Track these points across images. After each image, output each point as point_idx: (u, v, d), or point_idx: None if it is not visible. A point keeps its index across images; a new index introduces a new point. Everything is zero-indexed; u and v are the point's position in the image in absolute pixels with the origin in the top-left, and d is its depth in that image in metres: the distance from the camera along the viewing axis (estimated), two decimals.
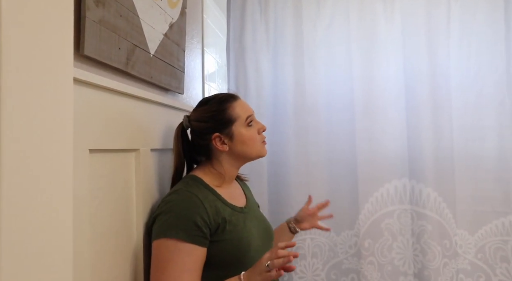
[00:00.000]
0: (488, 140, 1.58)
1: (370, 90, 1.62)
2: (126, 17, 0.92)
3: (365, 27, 1.63)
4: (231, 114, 1.08)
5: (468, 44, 1.60)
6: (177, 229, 0.93)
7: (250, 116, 1.11)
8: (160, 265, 0.92)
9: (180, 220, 0.94)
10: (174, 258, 0.91)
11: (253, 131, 1.11)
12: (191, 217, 0.94)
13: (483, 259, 1.57)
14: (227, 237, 0.98)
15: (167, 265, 0.91)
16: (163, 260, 0.92)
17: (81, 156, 0.75)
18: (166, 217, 0.95)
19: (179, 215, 0.94)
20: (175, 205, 0.97)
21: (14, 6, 0.41)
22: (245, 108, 1.12)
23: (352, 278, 1.61)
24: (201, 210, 0.95)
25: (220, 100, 1.11)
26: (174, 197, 0.99)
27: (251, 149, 1.10)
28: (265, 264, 0.88)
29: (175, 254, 0.91)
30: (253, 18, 1.68)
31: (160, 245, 0.93)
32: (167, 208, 0.97)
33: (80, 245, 0.73)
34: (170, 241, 0.92)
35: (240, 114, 1.09)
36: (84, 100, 0.76)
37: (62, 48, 0.49)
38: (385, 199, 1.60)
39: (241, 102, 1.13)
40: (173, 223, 0.94)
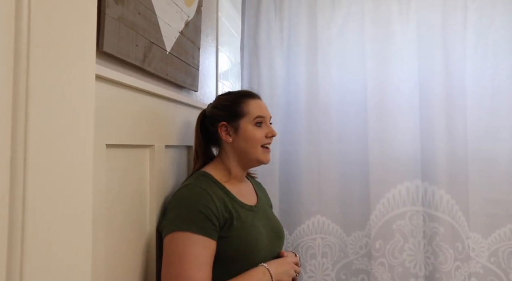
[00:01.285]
0: (503, 143, 1.56)
1: (383, 90, 1.61)
2: (144, 15, 0.93)
3: (380, 28, 1.62)
4: (242, 108, 1.10)
5: (484, 46, 1.58)
6: (189, 222, 0.93)
7: (261, 117, 1.12)
8: (174, 258, 0.91)
9: (192, 213, 0.94)
10: (190, 251, 0.91)
11: (259, 132, 1.11)
12: (202, 210, 0.94)
13: (496, 263, 1.55)
14: (234, 233, 0.99)
15: (183, 258, 0.90)
16: (178, 254, 0.91)
17: (99, 151, 0.76)
18: (177, 211, 0.96)
19: (190, 208, 0.95)
20: (186, 199, 0.98)
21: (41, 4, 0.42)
22: (260, 109, 1.13)
23: (362, 278, 1.60)
24: (211, 203, 0.96)
25: (240, 93, 1.16)
26: (183, 191, 1.01)
27: (251, 149, 1.10)
28: (293, 271, 1.07)
29: (189, 247, 0.91)
30: (268, 17, 1.68)
31: (173, 238, 0.93)
32: (177, 202, 0.98)
33: (96, 237, 0.75)
34: (183, 234, 0.92)
35: (252, 111, 1.11)
36: (102, 96, 0.78)
37: (85, 45, 0.50)
38: (397, 201, 1.59)
39: (259, 102, 1.15)
40: (185, 216, 0.94)
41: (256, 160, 1.12)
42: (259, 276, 0.98)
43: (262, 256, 1.04)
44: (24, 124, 0.40)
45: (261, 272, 1.00)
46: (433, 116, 1.58)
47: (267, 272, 1.00)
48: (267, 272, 1.00)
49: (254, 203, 1.14)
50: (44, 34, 0.43)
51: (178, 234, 0.93)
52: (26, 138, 0.40)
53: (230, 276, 0.97)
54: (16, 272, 0.39)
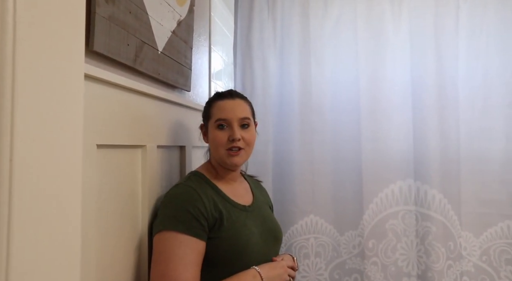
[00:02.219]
0: (495, 142, 1.57)
1: (376, 90, 1.61)
2: (135, 14, 0.93)
3: (373, 28, 1.63)
4: (209, 110, 1.11)
5: (476, 45, 1.60)
6: (176, 221, 0.93)
7: (222, 120, 1.06)
8: (161, 258, 0.91)
9: (179, 212, 0.94)
10: (176, 250, 0.91)
11: (220, 135, 1.06)
12: (190, 209, 0.94)
13: (488, 261, 1.57)
14: (224, 234, 0.98)
15: (169, 258, 0.90)
16: (165, 253, 0.91)
17: (89, 151, 0.75)
18: (166, 210, 0.97)
19: (178, 208, 0.95)
20: (174, 198, 0.98)
21: (27, 2, 0.41)
22: (222, 110, 1.07)
23: (355, 278, 1.61)
24: (199, 203, 0.96)
25: (216, 95, 1.15)
26: (173, 191, 1.01)
27: (215, 151, 1.08)
28: (286, 276, 1.07)
29: (176, 247, 0.91)
30: (261, 17, 1.68)
31: (160, 238, 0.93)
32: (167, 202, 0.99)
33: (86, 238, 0.74)
34: (170, 233, 0.92)
35: (215, 113, 1.08)
36: (92, 96, 0.77)
37: (73, 44, 0.50)
38: (389, 200, 1.60)
39: (225, 103, 1.09)
40: (173, 216, 0.95)
41: (221, 161, 1.08)
42: (248, 279, 0.97)
43: (255, 258, 1.02)
44: (10, 124, 0.39)
45: (251, 275, 0.98)
46: (425, 116, 1.59)
47: (257, 275, 0.98)
48: (257, 275, 0.98)
49: (249, 203, 1.13)
50: (30, 33, 0.42)
51: (165, 233, 0.93)
52: (12, 138, 0.39)
53: (222, 277, 0.96)
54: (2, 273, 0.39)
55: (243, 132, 1.07)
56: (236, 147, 1.05)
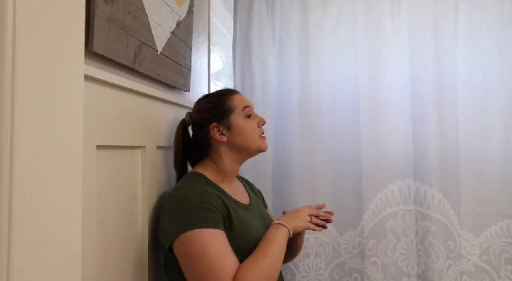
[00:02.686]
0: (494, 142, 1.57)
1: (375, 90, 1.61)
2: (135, 15, 0.93)
3: (372, 27, 1.63)
4: (229, 105, 1.11)
5: (475, 45, 1.60)
6: (197, 219, 0.91)
7: (248, 107, 1.12)
8: (196, 258, 0.88)
9: (197, 211, 0.92)
10: (209, 244, 0.89)
11: (252, 123, 1.12)
12: (205, 206, 0.93)
13: (488, 261, 1.57)
14: (236, 231, 0.97)
15: (205, 253, 0.88)
16: (199, 252, 0.88)
17: (89, 152, 0.75)
18: (180, 212, 0.93)
19: (194, 207, 0.93)
20: (186, 199, 0.95)
21: (27, 3, 0.41)
22: (244, 100, 1.14)
23: (355, 278, 1.61)
24: (212, 199, 0.96)
25: (221, 93, 1.16)
26: (180, 192, 0.98)
27: (250, 140, 1.10)
28: (307, 216, 1.09)
29: (207, 241, 0.89)
30: (260, 16, 1.68)
31: (188, 240, 0.89)
32: (177, 204, 0.95)
33: (87, 239, 0.74)
34: (196, 232, 0.89)
35: (238, 104, 1.11)
36: (92, 97, 0.77)
37: (73, 45, 0.50)
38: (389, 200, 1.60)
39: (240, 95, 1.16)
40: (191, 215, 0.92)
41: (256, 150, 1.12)
42: (273, 233, 0.99)
43: None
44: (10, 125, 0.39)
45: (274, 228, 1.01)
46: (425, 116, 1.59)
47: (279, 226, 1.01)
48: (279, 226, 1.01)
49: (248, 201, 1.14)
50: (30, 34, 0.42)
51: (191, 234, 0.89)
52: (12, 140, 0.39)
53: None
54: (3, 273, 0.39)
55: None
56: (263, 133, 1.15)
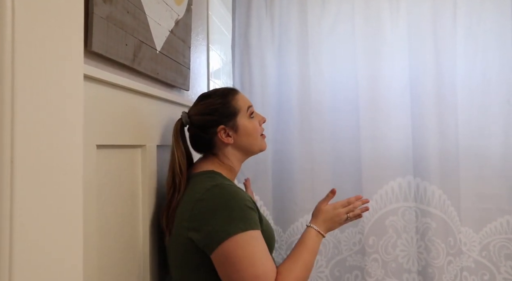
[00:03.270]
0: (494, 138, 1.58)
1: (375, 88, 1.62)
2: (133, 14, 0.93)
3: (371, 26, 1.63)
4: (234, 106, 1.09)
5: (474, 42, 1.60)
6: (247, 220, 0.90)
7: (251, 107, 1.13)
8: (246, 262, 0.86)
9: (246, 211, 0.91)
10: (256, 249, 0.88)
11: (255, 123, 1.13)
12: (249, 205, 0.92)
13: (488, 257, 1.57)
14: (265, 228, 0.97)
15: (253, 258, 0.87)
16: (248, 256, 0.87)
17: (89, 152, 0.76)
18: (228, 213, 0.89)
19: (240, 206, 0.91)
20: (229, 199, 0.92)
21: (25, 3, 0.41)
22: (245, 100, 1.14)
23: (356, 275, 1.61)
24: (250, 197, 0.96)
25: (223, 93, 1.11)
26: (218, 191, 0.94)
27: (254, 141, 1.11)
28: (344, 216, 1.10)
29: (254, 245, 0.88)
30: (259, 15, 1.68)
31: (238, 241, 0.87)
32: (218, 204, 0.91)
33: (88, 239, 0.74)
34: (246, 234, 0.87)
35: (242, 105, 1.11)
36: (91, 96, 0.77)
37: (72, 45, 0.50)
38: (389, 197, 1.60)
39: (241, 94, 1.16)
40: (240, 216, 0.90)
41: (258, 150, 1.14)
42: (313, 240, 1.01)
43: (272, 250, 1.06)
44: (11, 126, 0.39)
45: (314, 235, 1.03)
46: (424, 113, 1.59)
47: (319, 235, 1.03)
48: (319, 234, 1.03)
49: None
50: (29, 34, 0.42)
51: (242, 235, 0.87)
52: (13, 139, 0.39)
53: None
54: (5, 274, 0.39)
55: None
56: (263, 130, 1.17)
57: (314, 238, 1.02)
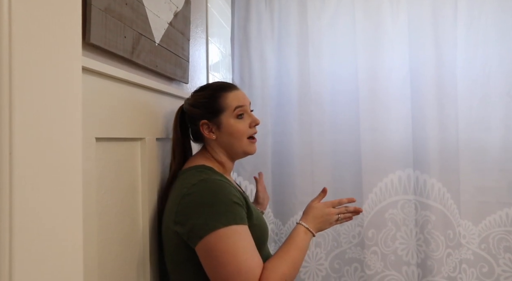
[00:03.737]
0: (493, 131, 1.57)
1: (375, 80, 1.61)
2: (132, 6, 0.92)
3: (371, 18, 1.62)
4: (221, 103, 1.07)
5: (475, 35, 1.59)
6: (230, 215, 0.89)
7: (241, 107, 1.07)
8: (228, 257, 0.86)
9: (228, 206, 0.90)
10: (240, 243, 0.87)
11: (243, 124, 1.07)
12: (235, 200, 0.92)
13: (487, 249, 1.58)
14: (255, 222, 0.97)
15: (237, 252, 0.86)
16: (231, 250, 0.86)
17: (88, 144, 0.75)
18: (210, 208, 0.90)
19: (225, 201, 0.91)
20: (215, 193, 0.92)
21: None
22: (238, 99, 1.08)
23: (355, 267, 1.62)
24: (236, 192, 0.95)
25: (216, 88, 1.11)
26: (205, 186, 0.94)
27: (237, 142, 1.07)
28: (335, 216, 1.07)
29: (238, 240, 0.87)
30: (258, 8, 1.67)
31: (220, 237, 0.86)
32: (203, 198, 0.92)
33: (87, 232, 0.74)
34: (228, 229, 0.87)
35: (230, 104, 1.07)
36: (90, 89, 0.76)
37: (70, 37, 0.49)
38: (389, 190, 1.61)
39: (237, 92, 1.10)
40: (224, 210, 0.89)
41: (242, 153, 1.09)
42: (301, 238, 0.99)
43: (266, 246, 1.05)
44: (9, 118, 0.39)
45: (303, 233, 1.00)
46: (424, 105, 1.59)
47: (308, 232, 1.01)
48: (308, 232, 1.01)
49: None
50: (26, 26, 0.42)
51: (224, 230, 0.87)
52: (11, 132, 0.39)
53: None
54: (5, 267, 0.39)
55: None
56: (255, 133, 1.10)
57: (303, 236, 1.00)
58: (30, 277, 0.42)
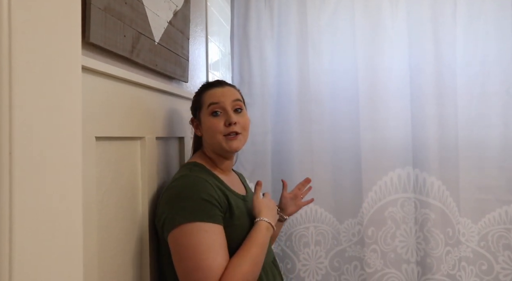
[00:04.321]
0: (493, 129, 1.58)
1: (374, 78, 1.61)
2: (131, 5, 0.92)
3: (370, 16, 1.62)
4: (200, 100, 1.10)
5: (474, 32, 1.59)
6: (196, 211, 0.90)
7: (215, 104, 1.05)
8: (189, 252, 0.88)
9: (197, 202, 0.92)
10: (203, 240, 0.88)
11: (215, 121, 1.05)
12: (206, 198, 0.92)
13: (486, 247, 1.58)
14: (236, 222, 0.98)
15: (197, 249, 0.87)
16: (191, 246, 0.88)
17: (88, 144, 0.75)
18: (180, 203, 0.93)
19: (194, 198, 0.92)
20: (186, 190, 0.94)
21: None
22: (214, 96, 1.07)
23: (355, 265, 1.62)
24: (212, 191, 0.95)
25: (203, 85, 1.14)
26: (181, 182, 0.97)
27: (213, 139, 1.05)
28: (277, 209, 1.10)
29: (202, 237, 0.88)
30: (258, 6, 1.67)
31: (183, 232, 0.89)
32: (177, 194, 0.95)
33: (88, 231, 0.74)
34: (193, 225, 0.89)
35: (206, 101, 1.07)
36: (90, 88, 0.77)
37: (70, 36, 0.49)
38: (388, 188, 1.61)
39: (216, 90, 1.08)
40: (191, 206, 0.91)
41: (219, 149, 1.07)
42: (258, 233, 0.98)
43: None
44: (9, 118, 0.39)
45: (265, 228, 0.99)
46: (424, 103, 1.59)
47: (270, 226, 1.01)
48: (270, 227, 1.01)
49: (244, 193, 1.14)
50: (26, 25, 0.42)
51: (187, 226, 0.89)
52: (11, 132, 0.39)
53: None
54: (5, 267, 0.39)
55: (237, 116, 1.06)
56: (233, 132, 1.04)
57: (265, 232, 0.99)
58: (30, 277, 0.42)
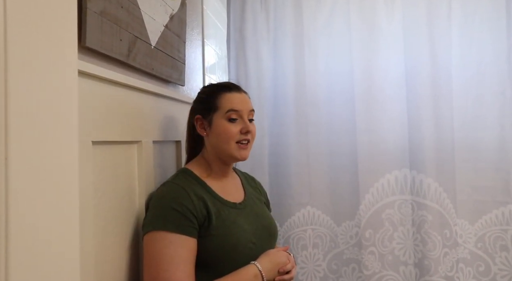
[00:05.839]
0: (489, 130, 1.58)
1: (370, 81, 1.61)
2: (127, 8, 0.92)
3: (366, 18, 1.62)
4: (215, 102, 1.06)
5: (469, 34, 1.60)
6: (164, 221, 0.91)
7: (234, 111, 1.04)
8: (151, 260, 0.89)
9: (166, 211, 0.92)
10: (165, 250, 0.89)
11: (233, 127, 1.04)
12: (176, 207, 0.92)
13: (483, 248, 1.59)
14: (214, 232, 0.95)
15: (160, 258, 0.88)
16: (155, 254, 0.89)
17: (84, 148, 0.75)
18: (153, 210, 0.95)
19: (165, 206, 0.93)
20: (161, 198, 0.96)
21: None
22: (233, 102, 1.06)
23: (353, 268, 1.62)
24: (187, 200, 0.94)
25: (219, 86, 1.12)
26: (160, 189, 1.00)
27: (224, 145, 1.04)
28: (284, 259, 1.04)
29: (165, 247, 0.89)
30: (254, 9, 1.67)
31: (150, 239, 0.91)
32: (154, 201, 0.97)
33: (84, 235, 0.74)
34: (159, 233, 0.90)
35: (224, 105, 1.05)
36: (86, 92, 0.76)
37: (66, 41, 0.49)
38: (385, 190, 1.61)
39: (236, 95, 1.08)
40: (159, 215, 0.93)
41: (229, 157, 1.06)
42: (250, 278, 0.95)
43: (248, 255, 0.99)
44: (4, 123, 0.39)
45: (253, 274, 0.95)
46: (420, 105, 1.59)
47: (259, 274, 0.96)
48: (259, 275, 0.96)
49: (240, 200, 1.10)
50: (22, 30, 0.42)
51: (154, 234, 0.91)
52: (6, 137, 0.39)
53: (214, 277, 0.94)
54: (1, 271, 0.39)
55: (251, 125, 1.08)
56: (246, 140, 1.06)
57: (251, 277, 0.95)
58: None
